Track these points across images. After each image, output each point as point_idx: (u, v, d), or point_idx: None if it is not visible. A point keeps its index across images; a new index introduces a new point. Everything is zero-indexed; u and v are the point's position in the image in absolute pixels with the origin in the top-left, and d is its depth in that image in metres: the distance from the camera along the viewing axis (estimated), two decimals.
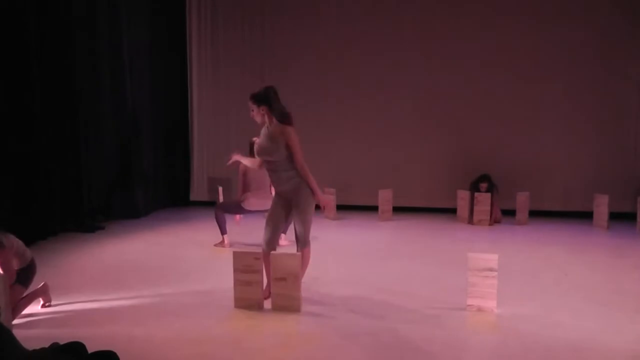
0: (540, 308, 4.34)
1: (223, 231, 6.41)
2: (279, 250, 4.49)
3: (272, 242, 4.50)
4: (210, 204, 9.08)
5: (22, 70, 6.39)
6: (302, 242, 4.46)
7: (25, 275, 4.16)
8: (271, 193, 6.05)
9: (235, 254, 4.36)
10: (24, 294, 4.18)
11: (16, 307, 4.04)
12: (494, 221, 7.94)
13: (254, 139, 5.92)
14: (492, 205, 7.84)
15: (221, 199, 7.43)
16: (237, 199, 6.43)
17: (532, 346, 3.61)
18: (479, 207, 7.86)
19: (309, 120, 8.11)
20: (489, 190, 7.93)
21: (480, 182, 7.99)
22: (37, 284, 4.34)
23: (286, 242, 6.32)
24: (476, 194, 7.91)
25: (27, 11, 6.40)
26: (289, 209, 4.48)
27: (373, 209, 8.48)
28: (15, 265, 4.08)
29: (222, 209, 6.49)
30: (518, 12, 8.57)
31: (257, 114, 4.39)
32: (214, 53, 9.59)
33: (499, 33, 8.63)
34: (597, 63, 8.38)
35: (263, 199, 6.15)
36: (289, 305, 4.23)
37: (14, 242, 4.10)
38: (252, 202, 6.28)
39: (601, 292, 4.78)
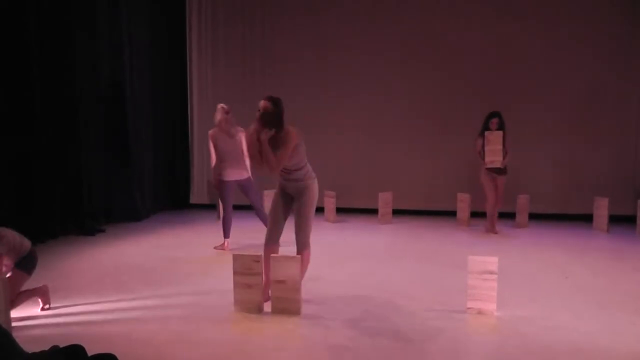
0: (541, 310, 4.34)
1: (226, 234, 6.40)
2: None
3: (272, 236, 4.50)
4: (211, 206, 9.07)
5: (22, 70, 6.39)
6: (303, 243, 4.42)
7: (26, 262, 4.17)
8: (245, 163, 6.19)
9: (235, 256, 4.35)
10: (27, 281, 4.20)
11: (16, 299, 4.08)
12: (504, 162, 7.25)
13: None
14: (504, 146, 7.17)
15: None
16: (214, 174, 6.38)
17: (533, 348, 3.61)
18: (491, 147, 7.12)
19: (308, 121, 8.08)
20: (501, 128, 7.21)
21: (491, 118, 7.21)
22: (37, 285, 4.35)
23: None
24: (486, 132, 7.17)
25: (27, 11, 6.39)
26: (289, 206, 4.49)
27: (373, 211, 8.47)
28: (11, 259, 4.08)
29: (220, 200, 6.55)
30: (518, 13, 8.56)
31: None
32: (214, 53, 9.59)
33: (499, 33, 8.62)
34: (598, 64, 8.38)
35: (238, 169, 6.24)
36: (288, 307, 4.22)
37: (10, 238, 4.07)
38: (228, 173, 6.25)
39: (601, 294, 4.78)
